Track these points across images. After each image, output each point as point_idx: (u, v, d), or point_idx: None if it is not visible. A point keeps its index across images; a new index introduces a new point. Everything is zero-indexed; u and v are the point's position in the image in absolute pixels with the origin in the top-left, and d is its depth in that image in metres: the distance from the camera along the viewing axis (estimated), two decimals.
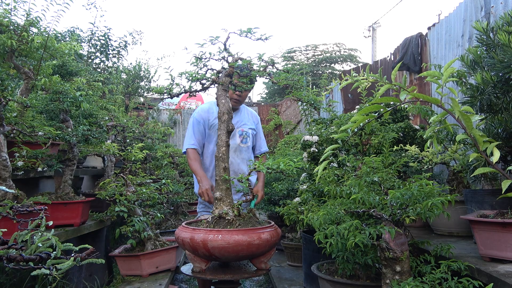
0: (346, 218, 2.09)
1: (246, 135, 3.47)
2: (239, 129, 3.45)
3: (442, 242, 2.28)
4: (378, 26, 20.10)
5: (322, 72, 19.16)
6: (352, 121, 1.81)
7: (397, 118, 3.41)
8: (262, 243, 2.25)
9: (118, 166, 4.92)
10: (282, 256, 4.97)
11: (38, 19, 3.63)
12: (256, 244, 2.23)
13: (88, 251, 1.33)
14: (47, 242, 1.34)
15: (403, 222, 2.11)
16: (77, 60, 6.38)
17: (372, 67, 6.83)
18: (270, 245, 2.34)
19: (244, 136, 3.46)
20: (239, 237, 2.20)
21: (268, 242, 2.30)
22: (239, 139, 3.43)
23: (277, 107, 12.41)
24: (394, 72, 1.75)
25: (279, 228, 2.51)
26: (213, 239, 2.19)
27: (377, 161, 2.35)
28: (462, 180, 2.89)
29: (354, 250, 2.30)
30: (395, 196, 1.99)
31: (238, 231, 2.23)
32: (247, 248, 2.21)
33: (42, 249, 1.29)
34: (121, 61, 9.03)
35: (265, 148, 3.69)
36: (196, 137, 3.37)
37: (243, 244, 2.19)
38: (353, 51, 21.95)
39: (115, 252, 3.74)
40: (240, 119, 3.48)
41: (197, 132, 3.38)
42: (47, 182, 4.08)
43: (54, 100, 3.38)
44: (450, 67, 1.59)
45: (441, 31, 4.70)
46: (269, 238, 2.30)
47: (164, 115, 11.68)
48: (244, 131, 3.46)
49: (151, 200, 3.75)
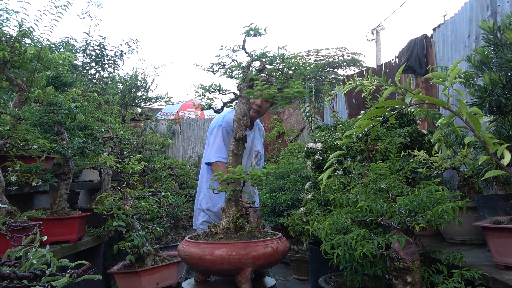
0: (353, 228, 2.08)
1: (260, 156, 3.35)
2: (255, 150, 3.31)
3: (454, 251, 2.26)
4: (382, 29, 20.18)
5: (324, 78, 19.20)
6: (356, 126, 1.81)
7: (404, 122, 3.41)
8: (216, 259, 2.11)
9: (115, 179, 4.92)
10: (288, 270, 4.94)
11: (31, 30, 3.66)
12: (208, 259, 2.12)
13: (84, 267, 1.32)
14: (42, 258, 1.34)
15: (413, 230, 2.09)
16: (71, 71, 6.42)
17: (376, 71, 6.85)
18: (231, 262, 2.13)
19: (258, 157, 3.35)
20: (194, 250, 2.20)
21: (224, 259, 2.12)
22: (255, 160, 3.31)
23: (279, 115, 12.43)
24: (398, 74, 1.76)
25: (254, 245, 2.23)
26: (179, 249, 2.32)
27: (384, 168, 2.35)
28: (474, 185, 2.88)
29: (362, 261, 2.28)
30: (403, 203, 1.98)
31: (195, 244, 2.23)
32: (200, 261, 2.16)
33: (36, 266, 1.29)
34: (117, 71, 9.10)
35: (262, 165, 3.56)
36: (227, 150, 3.08)
37: (196, 257, 2.17)
38: (356, 55, 22.05)
39: (113, 269, 3.72)
40: (256, 136, 3.32)
41: (227, 144, 3.12)
42: (42, 197, 4.08)
43: (48, 112, 3.39)
44: (456, 68, 1.60)
45: (446, 32, 4.72)
46: (224, 255, 2.12)
47: (162, 125, 11.71)
48: (260, 152, 3.34)
49: (150, 213, 3.74)
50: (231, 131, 3.09)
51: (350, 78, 2.30)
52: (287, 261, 4.87)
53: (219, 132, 3.19)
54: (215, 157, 3.12)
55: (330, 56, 22.12)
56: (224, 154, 3.07)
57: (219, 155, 3.10)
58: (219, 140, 3.17)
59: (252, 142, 3.33)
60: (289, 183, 5.11)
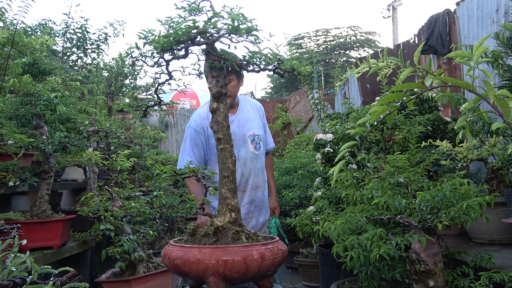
0: (369, 227, 2.09)
1: (258, 139, 3.34)
2: (249, 134, 3.30)
3: (481, 251, 2.27)
4: (399, 4, 20.09)
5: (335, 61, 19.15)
6: (371, 113, 1.81)
7: (424, 109, 3.41)
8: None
9: (102, 178, 4.94)
10: (296, 276, 4.97)
11: (3, 11, 3.67)
12: None
13: (69, 274, 1.34)
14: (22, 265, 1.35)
15: (435, 229, 2.10)
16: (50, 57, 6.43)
17: (393, 52, 6.83)
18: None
19: (256, 141, 3.33)
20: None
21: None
22: (252, 146, 3.30)
23: (284, 103, 12.42)
24: (417, 54, 1.75)
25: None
26: None
27: (402, 160, 2.35)
28: (503, 178, 2.88)
29: (379, 264, 2.29)
30: (424, 199, 1.98)
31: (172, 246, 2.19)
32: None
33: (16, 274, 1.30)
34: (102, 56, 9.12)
35: (272, 144, 3.61)
36: (195, 153, 3.21)
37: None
38: (370, 35, 21.93)
39: (101, 277, 3.75)
40: (246, 118, 3.31)
41: (195, 145, 3.21)
42: (20, 199, 4.10)
43: (25, 103, 3.40)
44: (483, 46, 1.59)
45: (472, 6, 4.69)
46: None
47: (153, 117, 11.73)
48: (256, 134, 3.33)
49: (142, 215, 3.75)
50: (201, 129, 3.17)
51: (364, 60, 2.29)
52: (295, 266, 4.89)
53: (186, 133, 3.28)
54: (179, 164, 3.22)
55: (341, 37, 22.01)
56: (189, 158, 3.11)
57: (183, 160, 3.16)
58: (185, 143, 3.27)
59: (242, 127, 3.30)
60: (296, 179, 5.12)
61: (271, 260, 2.05)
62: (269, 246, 2.09)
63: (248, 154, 3.28)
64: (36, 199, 3.33)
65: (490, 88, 1.48)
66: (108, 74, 9.80)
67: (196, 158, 3.19)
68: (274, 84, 22.19)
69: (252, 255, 1.99)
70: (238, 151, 3.23)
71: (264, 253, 2.02)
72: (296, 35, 22.24)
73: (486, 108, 3.35)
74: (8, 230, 1.54)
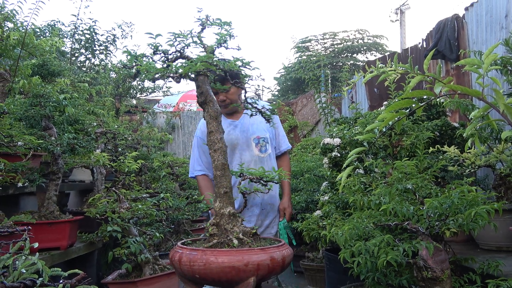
0: (376, 233, 2.09)
1: (264, 141, 3.39)
2: (254, 137, 3.36)
3: (489, 258, 2.26)
4: (407, 8, 20.02)
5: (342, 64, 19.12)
6: (379, 120, 1.82)
7: (432, 114, 3.40)
8: None
9: (109, 179, 4.96)
10: (302, 280, 4.96)
11: (14, 13, 3.70)
12: None
13: (78, 277, 1.35)
14: (32, 267, 1.37)
15: (442, 236, 2.10)
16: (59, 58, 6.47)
17: (401, 56, 6.81)
18: None
19: (261, 144, 3.38)
20: None
21: None
22: (257, 149, 3.35)
23: (291, 106, 12.41)
24: (426, 62, 1.76)
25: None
26: None
27: (410, 166, 2.35)
28: (511, 185, 2.87)
29: (386, 270, 2.29)
30: (432, 205, 1.98)
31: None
32: None
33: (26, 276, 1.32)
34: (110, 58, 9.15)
35: (286, 145, 3.64)
36: (203, 160, 3.34)
37: None
38: (378, 38, 21.86)
39: (108, 278, 3.76)
40: (251, 121, 3.35)
41: (203, 153, 3.35)
42: (29, 200, 4.13)
43: (34, 104, 3.43)
44: (492, 53, 1.59)
45: (480, 11, 4.68)
46: None
47: (160, 118, 11.75)
48: (261, 137, 3.38)
49: (149, 217, 3.77)
50: (205, 137, 3.16)
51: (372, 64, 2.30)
52: (301, 270, 4.89)
53: (194, 141, 3.48)
54: (191, 173, 3.44)
55: (349, 40, 21.95)
56: (199, 166, 3.38)
57: (194, 168, 3.41)
58: (194, 151, 3.45)
59: (246, 131, 3.35)
60: (303, 183, 5.12)
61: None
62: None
63: (253, 157, 3.33)
64: (44, 199, 3.35)
65: (500, 97, 1.49)
66: (116, 76, 9.84)
67: (205, 165, 3.36)
68: (281, 87, 22.15)
69: None
70: (242, 155, 3.34)
71: None
72: (303, 38, 22.23)
73: (495, 115, 3.34)
74: (19, 232, 1.56)
